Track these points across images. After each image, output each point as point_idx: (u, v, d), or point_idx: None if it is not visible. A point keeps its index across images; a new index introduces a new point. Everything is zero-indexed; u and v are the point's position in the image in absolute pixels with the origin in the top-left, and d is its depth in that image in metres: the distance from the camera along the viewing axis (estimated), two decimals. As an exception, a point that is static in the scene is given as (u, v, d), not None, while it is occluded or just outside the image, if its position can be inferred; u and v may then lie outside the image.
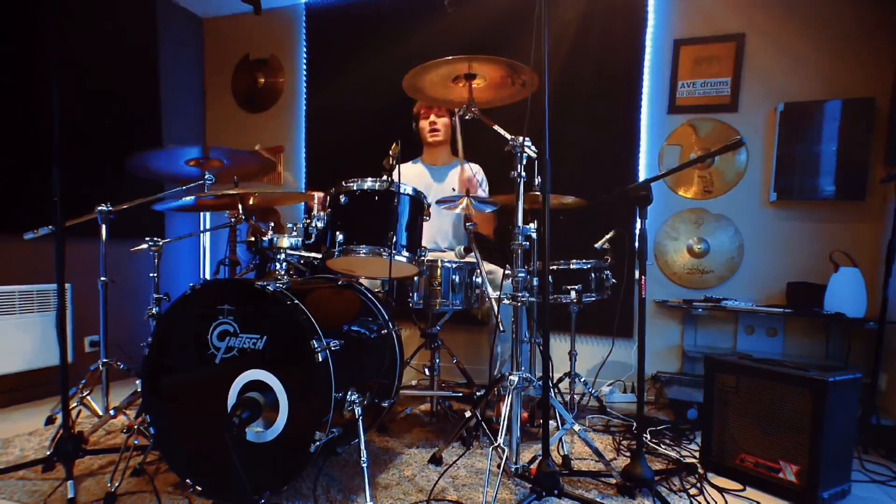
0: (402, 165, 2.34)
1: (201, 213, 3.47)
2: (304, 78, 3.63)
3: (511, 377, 1.75)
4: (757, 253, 2.83)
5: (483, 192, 2.66)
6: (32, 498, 1.62)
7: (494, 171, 2.72)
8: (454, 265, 2.10)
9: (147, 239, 2.01)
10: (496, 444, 1.66)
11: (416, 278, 2.07)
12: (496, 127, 1.89)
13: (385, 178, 1.73)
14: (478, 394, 2.26)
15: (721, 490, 1.75)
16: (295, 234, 1.76)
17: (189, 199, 2.04)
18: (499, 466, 1.64)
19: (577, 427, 1.78)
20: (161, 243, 2.02)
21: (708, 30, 2.87)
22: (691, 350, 2.80)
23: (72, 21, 2.90)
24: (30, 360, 2.65)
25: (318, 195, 1.98)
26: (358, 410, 1.54)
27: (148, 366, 1.62)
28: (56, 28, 1.99)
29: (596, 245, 2.40)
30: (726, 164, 2.87)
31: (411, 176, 2.68)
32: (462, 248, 2.28)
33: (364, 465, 1.53)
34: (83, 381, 2.10)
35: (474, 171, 2.69)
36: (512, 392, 1.74)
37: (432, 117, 2.62)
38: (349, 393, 1.54)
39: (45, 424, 2.26)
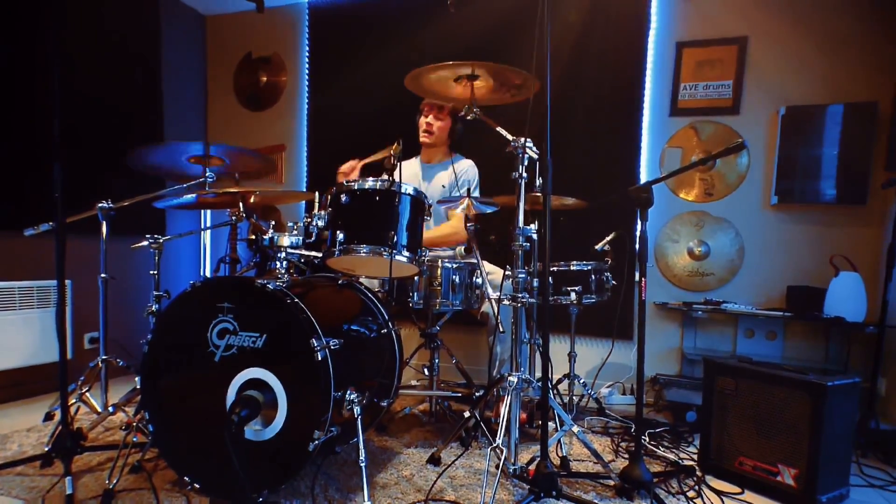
0: (402, 162, 2.34)
1: (202, 211, 3.48)
2: (307, 76, 3.63)
3: (510, 378, 1.75)
4: (757, 256, 2.83)
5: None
6: (31, 494, 1.62)
7: (495, 172, 2.71)
8: (454, 265, 2.10)
9: (148, 236, 2.01)
10: (495, 445, 1.66)
11: (416, 278, 2.07)
12: (498, 128, 1.89)
13: (386, 177, 1.73)
14: (477, 394, 2.26)
15: (719, 493, 1.75)
16: (295, 232, 1.76)
17: (190, 196, 2.04)
18: (497, 467, 1.64)
19: (575, 428, 1.78)
20: (161, 240, 2.03)
21: (710, 32, 2.87)
22: (691, 352, 2.80)
23: (73, 16, 2.90)
24: (29, 356, 2.65)
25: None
26: (357, 410, 1.54)
27: (147, 363, 1.61)
28: (57, 24, 1.99)
29: (596, 247, 2.40)
30: (728, 167, 2.87)
31: (406, 173, 2.68)
32: (462, 247, 2.29)
33: (362, 464, 1.53)
34: (82, 378, 2.10)
35: (464, 167, 2.67)
36: (511, 393, 1.74)
37: (430, 118, 2.56)
38: (348, 392, 1.54)
39: (44, 420, 2.26)
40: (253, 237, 1.94)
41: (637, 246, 1.69)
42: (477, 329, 3.11)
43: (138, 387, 1.63)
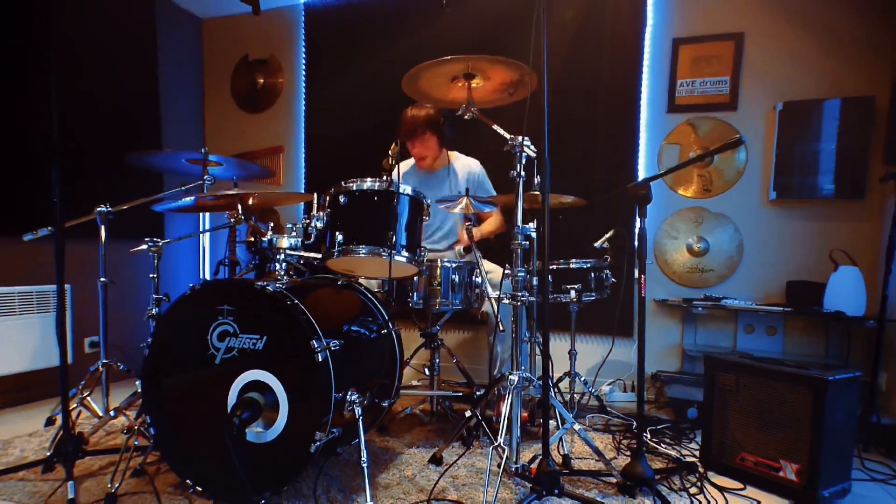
0: (400, 164, 2.33)
1: (201, 214, 3.48)
2: (304, 78, 3.63)
3: (511, 377, 1.76)
4: (756, 251, 2.83)
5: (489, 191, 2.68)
6: (33, 499, 1.62)
7: (494, 171, 2.72)
8: (454, 265, 2.10)
9: (146, 239, 2.01)
10: (496, 444, 1.67)
11: (415, 278, 2.07)
12: (495, 127, 1.90)
13: (384, 178, 1.73)
14: (478, 393, 2.26)
15: (721, 489, 1.75)
16: (294, 234, 1.76)
17: (188, 199, 2.03)
18: (499, 466, 1.64)
19: (577, 426, 1.78)
20: (161, 244, 2.02)
21: (707, 28, 2.87)
22: (691, 349, 2.80)
23: (70, 21, 2.89)
24: (29, 361, 2.65)
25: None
26: (358, 410, 1.54)
27: (148, 366, 1.62)
28: (54, 28, 1.99)
29: (595, 244, 2.40)
30: (726, 163, 2.87)
31: (409, 178, 2.67)
32: (462, 247, 2.29)
33: (364, 464, 1.53)
34: (83, 382, 2.10)
35: (473, 170, 2.68)
36: (512, 391, 1.74)
37: (417, 149, 2.49)
38: (349, 393, 1.54)
39: (45, 425, 2.26)
40: (252, 239, 1.94)
41: (636, 243, 1.69)
42: (477, 328, 3.11)
43: (139, 390, 1.63)
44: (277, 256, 1.75)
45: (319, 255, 1.80)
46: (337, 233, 1.70)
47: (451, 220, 2.68)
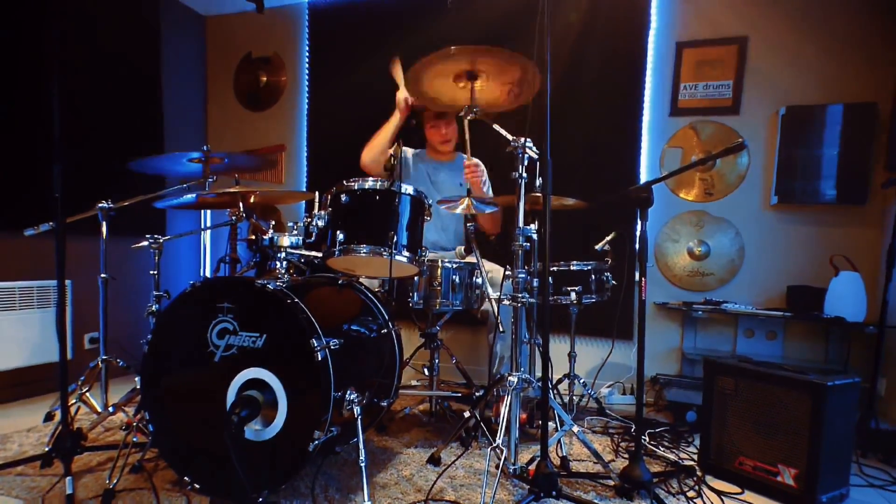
0: (405, 150, 2.33)
1: (202, 211, 3.48)
2: (307, 76, 3.63)
3: (510, 378, 1.76)
4: (757, 256, 2.83)
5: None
6: (31, 494, 1.62)
7: (496, 173, 2.72)
8: (454, 265, 2.10)
9: (148, 236, 2.01)
10: (495, 445, 1.66)
11: (416, 278, 2.07)
12: (498, 128, 1.89)
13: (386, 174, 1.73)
14: (477, 394, 2.26)
15: (719, 493, 1.75)
16: (295, 232, 1.76)
17: (190, 196, 2.04)
18: (497, 467, 1.64)
19: (575, 428, 1.78)
20: (161, 240, 2.02)
21: (710, 32, 2.87)
22: (691, 352, 2.79)
23: (73, 17, 2.90)
24: (29, 356, 2.65)
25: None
26: (357, 410, 1.54)
27: (147, 363, 1.62)
28: (57, 25, 1.99)
29: (596, 247, 2.40)
30: (727, 167, 2.87)
31: (419, 165, 2.68)
32: (462, 247, 2.29)
33: (362, 464, 1.53)
34: (82, 378, 2.10)
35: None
36: (511, 393, 1.74)
37: (443, 129, 2.57)
38: (348, 392, 1.54)
39: (44, 421, 2.26)
40: (253, 237, 1.94)
41: (637, 246, 1.69)
42: (477, 329, 3.11)
43: (138, 387, 1.63)
44: (278, 255, 1.75)
45: (320, 254, 1.80)
46: (338, 232, 1.70)
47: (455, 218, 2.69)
